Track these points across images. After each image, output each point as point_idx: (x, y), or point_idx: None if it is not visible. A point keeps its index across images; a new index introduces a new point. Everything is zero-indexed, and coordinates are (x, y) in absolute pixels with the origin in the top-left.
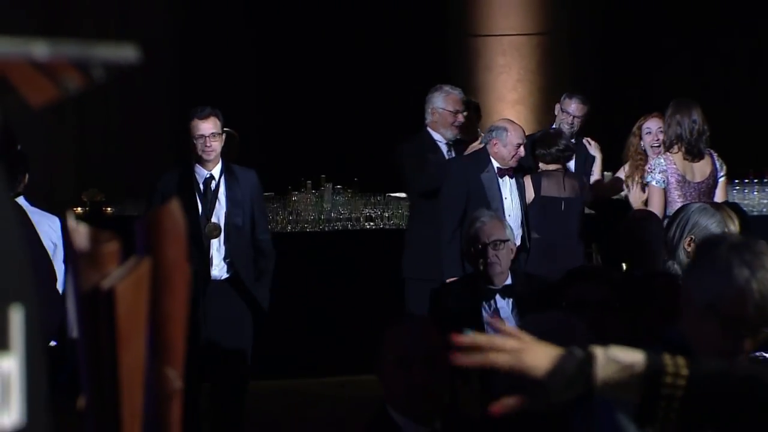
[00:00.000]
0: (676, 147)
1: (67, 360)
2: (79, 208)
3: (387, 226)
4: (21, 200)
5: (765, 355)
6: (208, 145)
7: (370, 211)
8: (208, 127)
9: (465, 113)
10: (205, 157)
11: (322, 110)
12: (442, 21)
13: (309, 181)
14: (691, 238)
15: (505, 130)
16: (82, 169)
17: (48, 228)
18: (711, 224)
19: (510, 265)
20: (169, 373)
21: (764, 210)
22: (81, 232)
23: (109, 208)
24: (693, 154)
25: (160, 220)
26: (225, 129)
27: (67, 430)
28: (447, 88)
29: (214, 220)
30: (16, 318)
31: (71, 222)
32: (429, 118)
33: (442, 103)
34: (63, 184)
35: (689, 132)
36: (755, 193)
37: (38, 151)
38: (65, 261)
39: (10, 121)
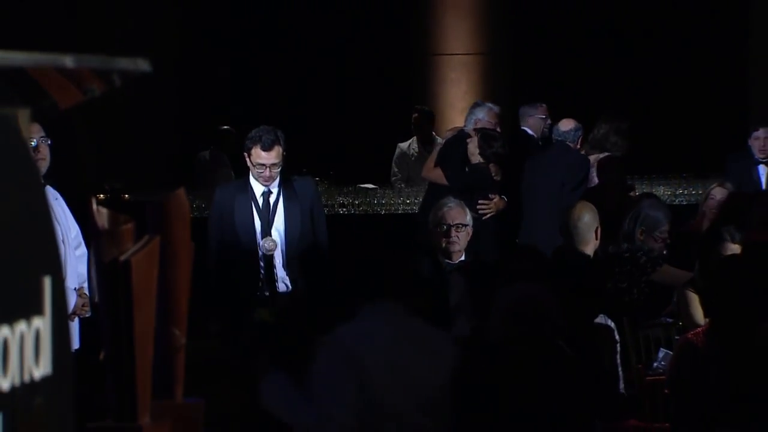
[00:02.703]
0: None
1: None
2: (102, 195)
3: (357, 212)
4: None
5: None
6: (268, 174)
7: (343, 199)
8: (270, 157)
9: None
10: (263, 183)
11: (304, 114)
12: (406, 42)
13: (294, 175)
14: (642, 229)
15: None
16: (104, 161)
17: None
18: (659, 216)
19: (466, 246)
20: (175, 331)
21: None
22: (103, 214)
23: (126, 195)
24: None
25: (169, 205)
26: (224, 127)
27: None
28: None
29: (273, 233)
30: (47, 287)
31: (94, 206)
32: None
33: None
34: (87, 174)
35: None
36: (661, 187)
37: (67, 145)
38: (88, 238)
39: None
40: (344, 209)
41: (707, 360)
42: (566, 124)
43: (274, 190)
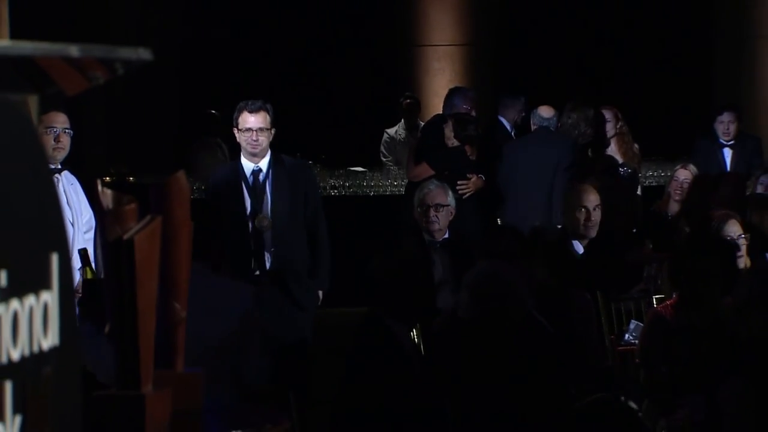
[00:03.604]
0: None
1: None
2: (108, 177)
3: (347, 193)
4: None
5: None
6: (255, 139)
7: (334, 181)
8: (256, 121)
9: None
10: (250, 150)
11: (298, 102)
12: (392, 33)
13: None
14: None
15: None
16: (110, 146)
17: None
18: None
19: (448, 224)
20: (176, 305)
21: None
22: (108, 195)
23: (131, 178)
24: None
25: (169, 187)
26: (211, 111)
27: None
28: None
29: (264, 212)
30: (54, 263)
31: (101, 188)
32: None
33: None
34: (95, 158)
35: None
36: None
37: (77, 131)
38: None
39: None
40: (335, 191)
41: (674, 331)
42: (548, 111)
43: (264, 168)
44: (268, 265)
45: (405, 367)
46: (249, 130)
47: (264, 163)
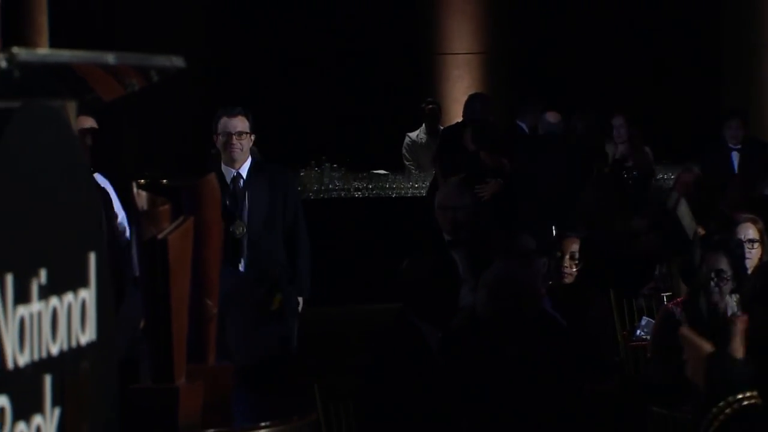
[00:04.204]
0: None
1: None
2: (142, 180)
3: (370, 195)
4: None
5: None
6: (233, 143)
7: (358, 183)
8: (235, 125)
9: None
10: (230, 155)
11: (325, 107)
12: (414, 43)
13: (313, 161)
14: None
15: None
16: (143, 150)
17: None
18: None
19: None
20: (208, 302)
21: None
22: (143, 197)
23: (164, 180)
24: None
25: (201, 189)
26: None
27: None
28: None
29: (242, 218)
30: (92, 262)
31: (136, 190)
32: None
33: None
34: (130, 162)
35: None
36: None
37: (114, 137)
38: (130, 219)
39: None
40: (359, 193)
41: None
42: (555, 117)
43: (244, 174)
44: (245, 271)
45: (430, 366)
46: (228, 134)
47: (244, 169)
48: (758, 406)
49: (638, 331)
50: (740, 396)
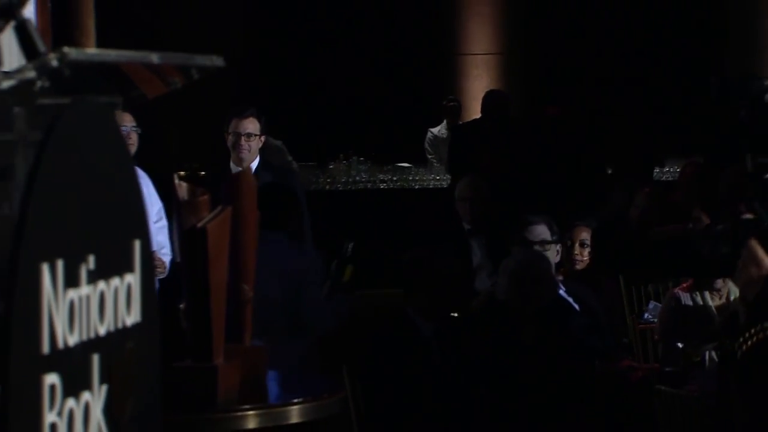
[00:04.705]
0: None
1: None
2: (183, 172)
3: (394, 187)
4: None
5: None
6: (242, 144)
7: (383, 176)
8: (245, 126)
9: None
10: (238, 154)
11: (353, 104)
12: (436, 44)
13: (341, 154)
14: None
15: None
16: (182, 144)
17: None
18: None
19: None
20: (244, 286)
21: None
22: (183, 188)
23: (203, 172)
24: None
25: (238, 180)
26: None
27: None
28: None
29: None
30: (137, 248)
31: (177, 181)
32: None
33: None
34: (170, 154)
35: None
36: None
37: (155, 131)
38: (169, 212)
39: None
40: (384, 184)
41: (688, 310)
42: (555, 110)
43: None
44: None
45: (423, 354)
46: (238, 135)
47: (252, 168)
48: None
49: (646, 315)
50: None
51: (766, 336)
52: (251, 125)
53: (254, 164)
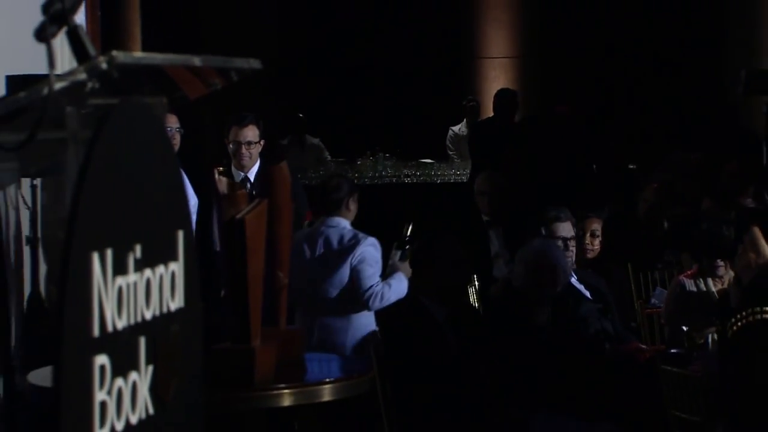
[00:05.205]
0: None
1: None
2: (222, 168)
3: (418, 181)
4: None
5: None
6: (242, 152)
7: (408, 171)
8: (246, 135)
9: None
10: (239, 161)
11: (379, 104)
12: (457, 48)
13: (368, 151)
14: None
15: None
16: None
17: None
18: None
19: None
20: (279, 274)
21: None
22: (223, 183)
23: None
24: None
25: (274, 175)
26: (299, 114)
27: None
28: None
29: None
30: (180, 238)
31: (217, 176)
32: None
33: None
34: (209, 152)
35: None
36: None
37: (195, 130)
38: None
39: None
40: (409, 179)
41: (692, 295)
42: (563, 109)
43: (251, 177)
44: None
45: (438, 337)
46: (239, 143)
47: (252, 173)
48: None
49: (653, 300)
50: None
51: (755, 320)
52: (251, 133)
53: (254, 169)
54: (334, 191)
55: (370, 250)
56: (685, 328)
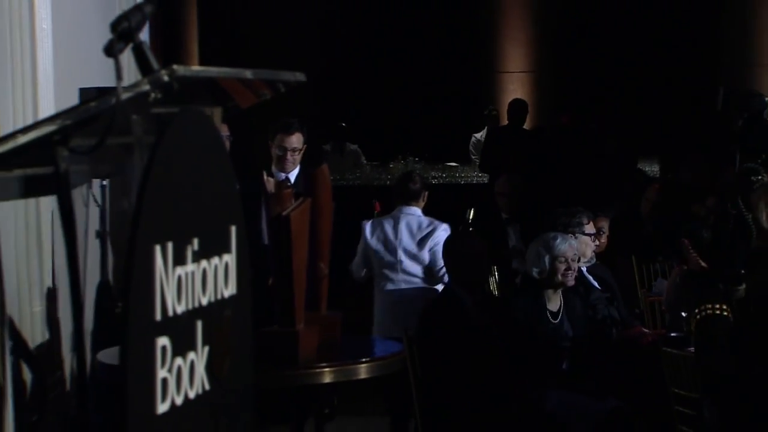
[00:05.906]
0: None
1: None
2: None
3: (444, 182)
4: None
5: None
6: (287, 158)
7: (435, 173)
8: (291, 141)
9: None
10: (282, 165)
11: (409, 113)
12: (479, 63)
13: (399, 155)
14: None
15: None
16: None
17: None
18: None
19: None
20: (321, 265)
21: None
22: (270, 183)
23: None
24: None
25: (317, 176)
26: (341, 124)
27: None
28: None
29: None
30: (233, 233)
31: (266, 177)
32: None
33: None
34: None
35: None
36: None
37: (244, 138)
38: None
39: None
40: (435, 180)
41: (692, 285)
42: (568, 117)
43: (292, 178)
44: None
45: (467, 321)
46: (284, 149)
47: (292, 174)
48: (724, 318)
49: (654, 289)
50: (718, 306)
51: (707, 315)
52: (296, 140)
53: (295, 171)
54: (414, 183)
55: (443, 234)
56: (684, 314)
